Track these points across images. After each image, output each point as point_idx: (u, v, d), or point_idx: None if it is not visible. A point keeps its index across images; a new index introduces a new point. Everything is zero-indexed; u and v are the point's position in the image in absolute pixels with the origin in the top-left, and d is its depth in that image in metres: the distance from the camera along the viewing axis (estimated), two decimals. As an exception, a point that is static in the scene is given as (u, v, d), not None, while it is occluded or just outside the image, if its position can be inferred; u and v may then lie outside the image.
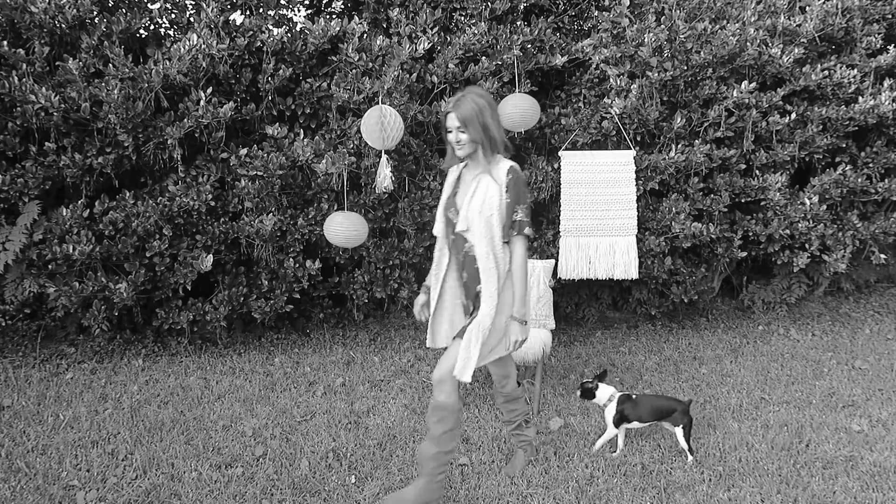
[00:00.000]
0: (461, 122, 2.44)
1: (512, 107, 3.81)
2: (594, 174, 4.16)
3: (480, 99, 2.46)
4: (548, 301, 3.60)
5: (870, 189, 4.57)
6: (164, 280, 3.96)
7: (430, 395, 3.72)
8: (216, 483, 2.84)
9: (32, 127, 3.66)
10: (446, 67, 3.98)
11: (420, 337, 4.65)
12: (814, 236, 4.46)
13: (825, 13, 4.16)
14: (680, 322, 4.99)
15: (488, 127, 2.45)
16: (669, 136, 4.25)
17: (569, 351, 4.43)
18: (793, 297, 5.05)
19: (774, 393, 3.79)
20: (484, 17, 4.04)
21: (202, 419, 3.40)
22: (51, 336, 4.27)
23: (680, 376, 4.03)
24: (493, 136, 2.47)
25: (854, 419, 3.46)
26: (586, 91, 4.31)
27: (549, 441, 3.22)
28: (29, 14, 3.54)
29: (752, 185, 4.40)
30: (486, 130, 2.45)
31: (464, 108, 2.43)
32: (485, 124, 2.44)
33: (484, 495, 2.77)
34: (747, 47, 4.03)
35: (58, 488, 2.78)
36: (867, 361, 4.26)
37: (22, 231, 3.68)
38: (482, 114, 2.43)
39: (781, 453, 3.12)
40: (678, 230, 4.25)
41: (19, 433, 3.23)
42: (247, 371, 4.02)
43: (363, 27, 3.83)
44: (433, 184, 4.20)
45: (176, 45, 3.62)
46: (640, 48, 3.99)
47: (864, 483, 2.88)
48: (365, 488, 2.82)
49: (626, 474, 2.94)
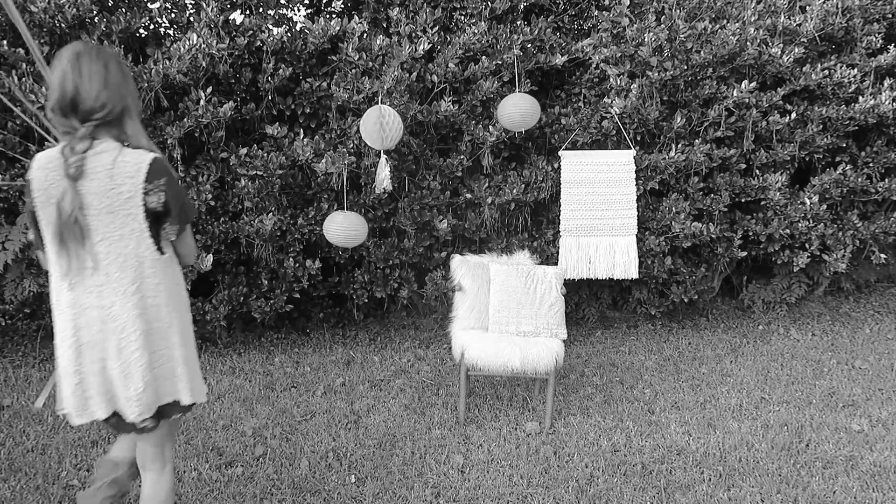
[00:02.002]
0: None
1: (512, 106, 3.81)
2: (594, 174, 4.16)
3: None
4: (560, 309, 3.47)
5: (870, 189, 4.57)
6: (163, 280, 3.95)
7: (430, 395, 3.73)
8: (216, 483, 2.84)
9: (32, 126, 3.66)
10: (446, 67, 3.98)
11: (420, 337, 4.65)
12: (814, 236, 4.46)
13: (825, 13, 4.16)
14: (680, 322, 4.98)
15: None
16: (669, 136, 4.25)
17: (569, 351, 4.43)
18: (793, 296, 5.05)
19: (774, 393, 3.79)
20: (484, 16, 4.04)
21: (202, 419, 3.40)
22: (51, 336, 4.27)
23: (680, 376, 4.03)
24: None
25: (854, 419, 3.46)
26: (586, 91, 4.30)
27: (549, 441, 3.22)
28: (28, 13, 3.54)
29: (752, 185, 4.40)
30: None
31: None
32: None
33: (484, 495, 2.77)
34: (747, 47, 4.03)
35: (58, 488, 2.78)
36: (867, 361, 4.26)
37: (22, 231, 3.68)
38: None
39: (781, 453, 3.12)
40: (678, 230, 4.25)
41: (19, 433, 3.23)
42: (247, 371, 4.01)
43: (363, 27, 3.83)
44: (433, 183, 4.20)
45: (176, 45, 3.62)
46: (640, 48, 3.99)
47: (864, 483, 2.88)
48: (365, 488, 2.82)
49: (626, 474, 2.94)
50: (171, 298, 1.83)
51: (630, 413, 3.53)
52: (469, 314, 3.59)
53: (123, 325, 1.75)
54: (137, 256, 1.74)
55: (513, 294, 3.48)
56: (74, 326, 1.75)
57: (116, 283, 1.74)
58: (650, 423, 3.41)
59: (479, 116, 4.23)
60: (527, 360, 3.27)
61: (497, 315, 3.50)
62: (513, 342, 3.35)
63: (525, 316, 3.48)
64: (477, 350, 3.31)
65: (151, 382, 1.81)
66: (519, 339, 3.40)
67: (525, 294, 3.48)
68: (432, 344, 4.54)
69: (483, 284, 3.58)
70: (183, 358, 1.86)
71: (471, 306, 3.59)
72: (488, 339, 3.40)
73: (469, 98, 4.11)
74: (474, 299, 3.58)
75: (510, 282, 3.48)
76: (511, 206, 4.33)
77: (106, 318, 1.75)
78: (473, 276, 3.59)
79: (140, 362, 1.77)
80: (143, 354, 1.77)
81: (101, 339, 1.76)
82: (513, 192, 4.20)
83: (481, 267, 3.60)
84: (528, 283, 3.47)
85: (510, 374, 3.32)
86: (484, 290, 3.57)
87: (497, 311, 3.50)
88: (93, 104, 1.64)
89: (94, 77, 1.64)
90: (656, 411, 3.55)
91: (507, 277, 3.48)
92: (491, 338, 3.42)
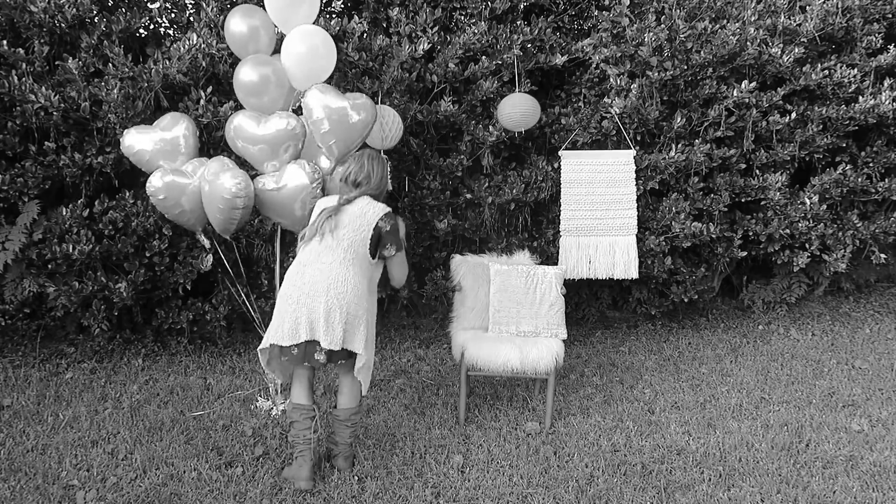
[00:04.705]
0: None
1: (512, 107, 3.81)
2: (594, 174, 4.15)
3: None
4: (560, 309, 3.47)
5: (870, 189, 4.57)
6: (163, 280, 3.96)
7: (430, 395, 3.73)
8: (216, 483, 2.84)
9: (32, 126, 3.66)
10: (446, 67, 3.98)
11: (420, 337, 4.65)
12: (814, 236, 4.46)
13: (825, 12, 4.16)
14: (680, 322, 4.99)
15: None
16: (669, 136, 4.25)
17: (569, 351, 4.42)
18: (793, 296, 5.05)
19: (774, 393, 3.80)
20: (484, 16, 4.03)
21: (202, 419, 3.40)
22: (50, 336, 4.27)
23: (680, 376, 4.03)
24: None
25: (854, 419, 3.46)
26: (586, 91, 4.30)
27: (549, 441, 3.22)
28: (28, 13, 3.54)
29: (752, 185, 4.40)
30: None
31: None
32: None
33: (484, 495, 2.77)
34: (747, 47, 4.02)
35: (58, 488, 2.78)
36: (867, 361, 4.26)
37: (21, 231, 3.68)
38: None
39: (781, 453, 3.12)
40: (678, 230, 4.25)
41: (19, 433, 3.23)
42: (247, 371, 4.01)
43: (363, 26, 3.83)
44: (433, 184, 4.19)
45: (176, 45, 3.62)
46: (640, 48, 3.99)
47: (864, 483, 2.89)
48: (365, 488, 2.82)
49: (626, 474, 2.94)
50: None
51: (630, 413, 3.53)
52: (469, 314, 3.59)
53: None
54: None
55: (513, 294, 3.48)
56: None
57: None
58: (650, 423, 3.41)
59: (479, 116, 4.23)
60: (527, 360, 3.27)
61: (497, 315, 3.50)
62: (512, 342, 3.35)
63: (525, 316, 3.48)
64: (477, 350, 3.31)
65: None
66: (519, 339, 3.40)
67: (525, 294, 3.48)
68: (432, 344, 4.54)
69: (483, 284, 3.57)
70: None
71: (471, 306, 3.58)
72: (488, 339, 3.40)
73: (469, 98, 4.11)
74: (474, 299, 3.58)
75: (510, 282, 3.48)
76: (511, 206, 4.33)
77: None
78: (473, 276, 3.59)
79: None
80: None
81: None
82: (513, 192, 4.20)
83: (481, 267, 3.59)
84: (527, 283, 3.47)
85: (510, 374, 3.32)
86: (484, 290, 3.57)
87: (497, 311, 3.50)
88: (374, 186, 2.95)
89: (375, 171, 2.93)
90: (656, 411, 3.55)
91: (507, 277, 3.48)
92: (491, 338, 3.42)
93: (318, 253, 2.76)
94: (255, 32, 3.17)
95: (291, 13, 3.11)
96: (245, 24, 3.15)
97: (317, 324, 2.66)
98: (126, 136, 3.23)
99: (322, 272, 2.71)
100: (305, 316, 2.67)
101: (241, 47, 3.21)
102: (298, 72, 3.10)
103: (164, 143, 3.20)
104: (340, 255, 2.75)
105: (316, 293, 2.68)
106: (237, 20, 3.16)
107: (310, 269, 2.73)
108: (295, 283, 2.73)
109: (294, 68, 3.09)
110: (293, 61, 3.08)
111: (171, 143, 3.21)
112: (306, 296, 2.68)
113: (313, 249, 2.78)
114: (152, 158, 3.21)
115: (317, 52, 3.08)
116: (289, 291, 2.73)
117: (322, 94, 3.08)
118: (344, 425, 2.91)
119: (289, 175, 3.10)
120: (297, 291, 2.71)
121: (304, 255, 2.79)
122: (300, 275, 2.74)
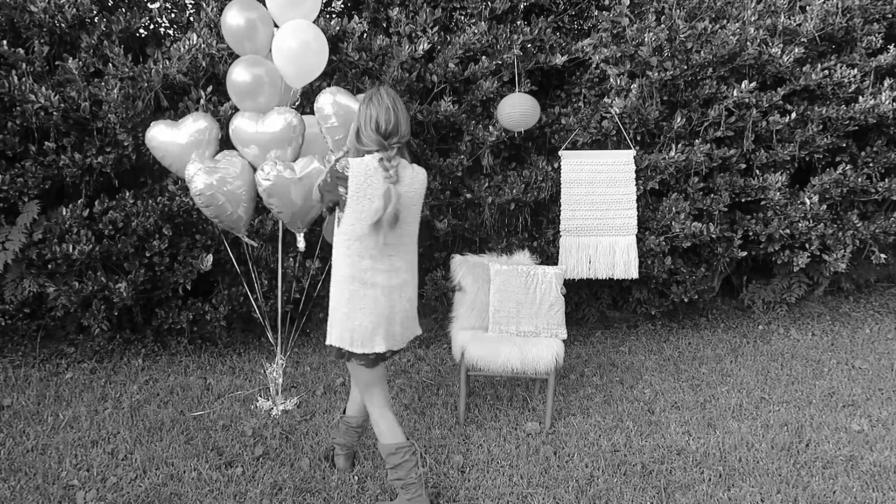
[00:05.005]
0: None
1: (512, 106, 3.81)
2: (594, 174, 4.15)
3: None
4: (560, 309, 3.47)
5: (870, 189, 4.57)
6: (163, 280, 3.96)
7: (430, 395, 3.73)
8: (216, 483, 2.84)
9: (32, 126, 3.66)
10: (446, 67, 3.98)
11: (420, 337, 4.65)
12: (814, 236, 4.46)
13: (825, 12, 4.16)
14: (680, 322, 4.99)
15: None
16: (669, 136, 4.25)
17: (569, 351, 4.43)
18: (793, 296, 5.05)
19: (774, 393, 3.80)
20: (484, 16, 4.03)
21: (202, 419, 3.41)
22: (50, 336, 4.27)
23: (680, 376, 4.03)
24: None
25: (854, 419, 3.46)
26: (586, 91, 4.30)
27: (549, 441, 3.22)
28: (28, 13, 3.54)
29: (752, 185, 4.40)
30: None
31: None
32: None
33: (484, 495, 2.77)
34: (747, 47, 4.02)
35: (58, 488, 2.78)
36: (867, 361, 4.26)
37: (22, 231, 3.68)
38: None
39: (781, 453, 3.12)
40: (678, 230, 4.25)
41: (19, 433, 3.23)
42: (247, 371, 4.02)
43: (363, 26, 3.83)
44: (433, 183, 4.19)
45: (176, 45, 3.62)
46: (640, 48, 3.99)
47: (864, 483, 2.89)
48: (365, 488, 2.82)
49: (626, 474, 2.94)
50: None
51: (630, 413, 3.53)
52: (469, 314, 3.59)
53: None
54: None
55: (512, 294, 3.48)
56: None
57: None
58: (650, 423, 3.41)
59: (479, 116, 4.23)
60: (527, 360, 3.27)
61: (497, 315, 3.50)
62: (512, 342, 3.35)
63: (525, 316, 3.48)
64: (477, 350, 3.31)
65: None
66: (519, 339, 3.40)
67: (525, 294, 3.48)
68: (432, 344, 4.54)
69: (483, 284, 3.57)
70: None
71: (470, 306, 3.58)
72: (488, 339, 3.40)
73: (469, 98, 4.11)
74: (474, 299, 3.58)
75: (510, 282, 3.48)
76: (511, 206, 4.33)
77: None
78: (473, 276, 3.59)
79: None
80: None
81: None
82: (513, 192, 4.20)
83: (481, 267, 3.59)
84: (527, 283, 3.47)
85: (510, 374, 3.32)
86: (484, 290, 3.57)
87: (497, 311, 3.50)
88: (404, 132, 2.42)
89: (406, 116, 2.42)
90: (656, 411, 3.55)
91: (507, 277, 3.48)
92: (491, 338, 3.42)
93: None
94: (252, 26, 3.06)
95: (293, 11, 3.07)
96: (242, 17, 3.04)
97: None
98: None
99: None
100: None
101: (237, 43, 3.12)
102: (290, 70, 3.02)
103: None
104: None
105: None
106: (234, 13, 3.05)
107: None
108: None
109: (286, 66, 3.02)
110: (284, 58, 2.99)
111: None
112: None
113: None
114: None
115: (309, 48, 3.00)
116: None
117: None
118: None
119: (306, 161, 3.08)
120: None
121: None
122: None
